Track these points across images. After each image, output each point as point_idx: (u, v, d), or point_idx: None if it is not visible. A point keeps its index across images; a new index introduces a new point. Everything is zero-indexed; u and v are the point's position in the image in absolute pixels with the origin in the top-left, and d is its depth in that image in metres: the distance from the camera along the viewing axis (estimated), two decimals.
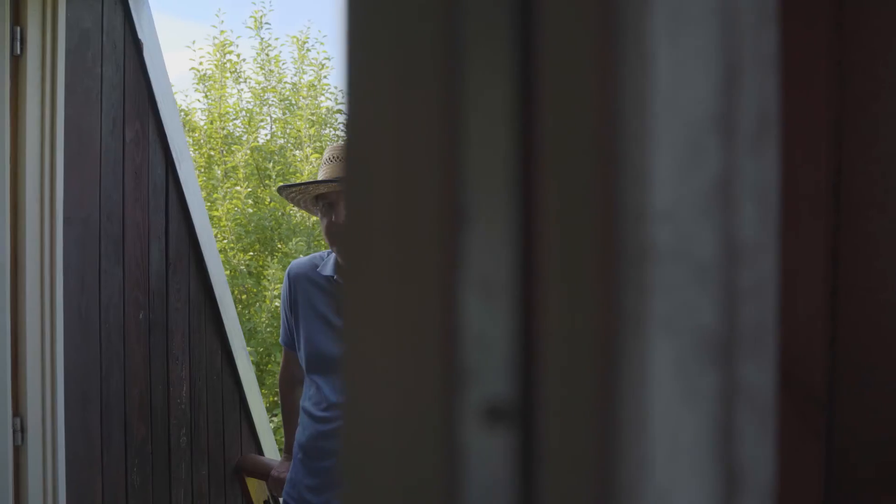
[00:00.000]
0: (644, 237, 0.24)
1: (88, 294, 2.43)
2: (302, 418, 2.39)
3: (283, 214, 9.66)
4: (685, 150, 0.25)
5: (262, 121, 10.80)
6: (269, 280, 8.67)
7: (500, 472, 0.24)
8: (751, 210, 0.27)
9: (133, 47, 2.58)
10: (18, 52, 2.19)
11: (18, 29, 2.19)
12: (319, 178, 2.28)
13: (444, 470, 0.24)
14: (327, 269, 2.38)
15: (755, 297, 0.27)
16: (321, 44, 11.84)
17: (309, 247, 9.33)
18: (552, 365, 0.24)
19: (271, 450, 3.24)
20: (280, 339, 2.60)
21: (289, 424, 2.65)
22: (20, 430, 2.22)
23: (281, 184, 9.71)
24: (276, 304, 8.52)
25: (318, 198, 2.29)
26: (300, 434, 2.38)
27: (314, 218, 9.80)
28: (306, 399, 2.38)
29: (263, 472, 3.06)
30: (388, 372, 0.25)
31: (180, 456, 2.83)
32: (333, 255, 2.41)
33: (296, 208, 9.60)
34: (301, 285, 2.42)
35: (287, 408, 2.65)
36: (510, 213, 0.24)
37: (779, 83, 0.28)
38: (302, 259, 2.51)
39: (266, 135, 10.88)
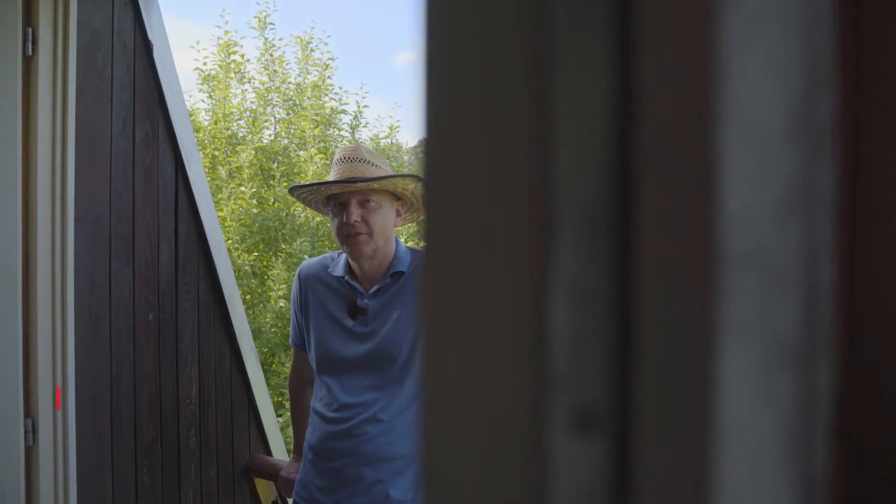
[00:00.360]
0: (723, 243, 0.24)
1: (99, 294, 2.43)
2: (312, 419, 2.39)
3: (287, 215, 9.67)
4: (761, 157, 0.25)
5: (265, 121, 10.81)
6: (273, 280, 8.68)
7: (591, 480, 0.24)
8: (820, 216, 0.27)
9: (143, 48, 2.59)
10: (30, 52, 2.20)
11: (30, 30, 2.19)
12: (331, 178, 2.28)
13: (532, 477, 0.24)
14: (338, 270, 2.38)
15: (824, 301, 0.27)
16: (325, 44, 11.90)
17: (313, 247, 9.34)
18: (648, 372, 0.24)
19: (279, 450, 3.25)
20: (290, 340, 2.60)
21: (298, 425, 2.65)
22: (31, 431, 2.23)
23: (289, 184, 9.72)
24: (281, 304, 8.53)
25: (329, 198, 2.29)
26: (310, 435, 2.39)
27: (318, 218, 9.81)
28: (317, 400, 2.38)
29: (272, 473, 3.06)
30: (473, 377, 0.25)
31: (189, 457, 2.83)
32: (344, 255, 2.41)
33: (300, 208, 9.62)
34: (312, 286, 2.42)
35: (296, 408, 2.66)
36: (603, 218, 0.24)
37: (838, 88, 0.29)
38: (312, 260, 2.51)
39: (270, 135, 10.89)
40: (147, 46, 2.59)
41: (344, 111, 11.06)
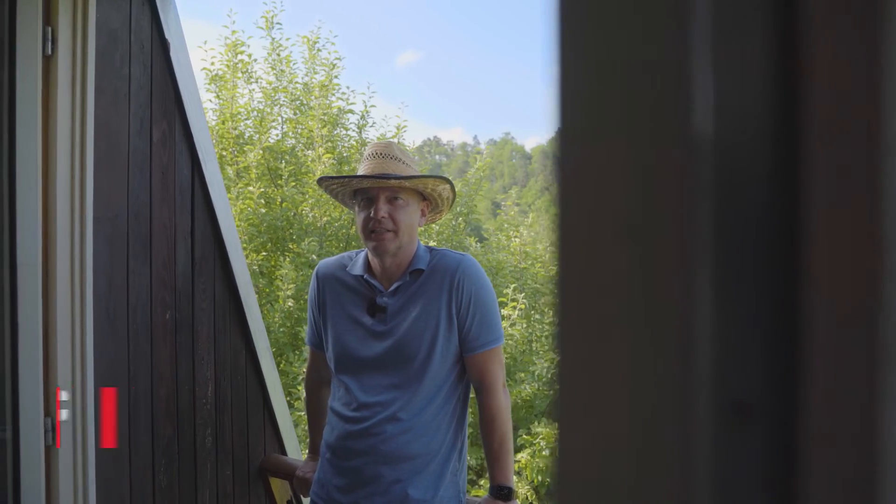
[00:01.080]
0: (887, 239, 0.23)
1: (116, 294, 2.43)
2: (330, 418, 2.39)
3: (294, 215, 9.68)
4: None
5: (273, 121, 10.81)
6: (281, 280, 8.68)
7: (744, 471, 0.23)
8: None
9: (160, 47, 2.58)
10: (49, 52, 2.19)
11: (49, 29, 2.19)
12: (361, 172, 2.28)
13: (684, 468, 0.23)
14: (356, 269, 2.38)
15: None
16: (332, 44, 11.86)
17: (321, 247, 9.34)
18: (815, 363, 0.23)
19: (294, 450, 3.25)
20: (306, 340, 2.60)
21: (314, 424, 2.65)
22: (51, 431, 2.23)
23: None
24: (289, 304, 8.52)
25: (357, 192, 2.29)
26: (328, 434, 2.38)
27: (326, 218, 9.82)
28: (335, 399, 2.38)
29: (287, 472, 3.06)
30: (620, 370, 0.24)
31: (206, 456, 2.83)
32: (363, 254, 2.41)
33: (308, 208, 9.60)
34: (329, 285, 2.42)
35: (313, 408, 2.65)
36: (755, 212, 0.24)
37: None
38: (330, 259, 2.51)
39: (277, 135, 10.89)
40: (164, 46, 2.59)
41: (351, 111, 11.05)
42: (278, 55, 11.13)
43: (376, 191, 2.24)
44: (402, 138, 11.72)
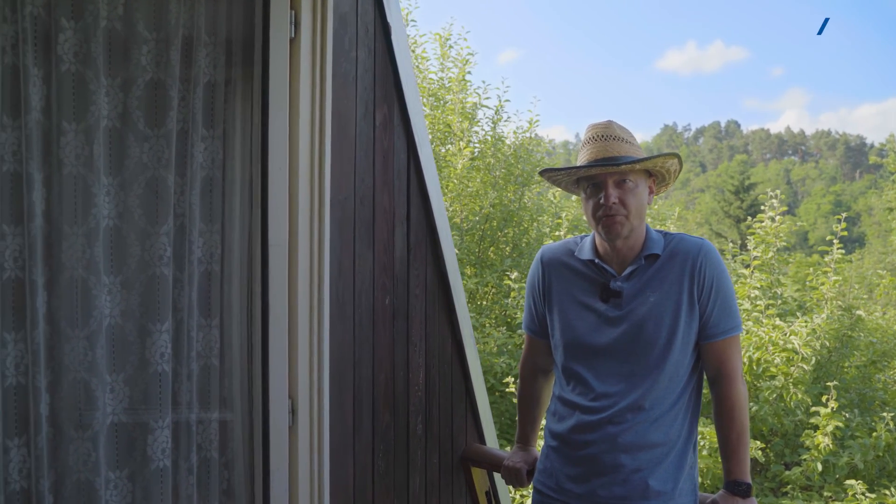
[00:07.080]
0: None
1: (344, 278, 2.43)
2: (558, 408, 2.30)
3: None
4: None
5: None
6: None
7: None
8: None
9: (382, 31, 2.57)
10: (293, 35, 2.20)
11: (293, 13, 2.20)
12: (583, 157, 2.20)
13: None
14: (585, 253, 2.29)
15: None
16: (464, 39, 11.82)
17: (462, 240, 9.33)
18: None
19: (492, 440, 3.19)
20: (523, 326, 2.52)
21: (527, 414, 2.57)
22: (291, 412, 2.24)
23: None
24: None
25: (581, 178, 2.22)
26: (556, 424, 2.30)
27: (464, 213, 9.80)
28: (565, 389, 2.28)
29: (490, 463, 3.01)
30: None
31: (417, 443, 2.80)
32: (589, 237, 2.33)
33: (447, 203, 9.59)
34: (556, 270, 2.34)
35: (526, 397, 2.57)
36: None
37: None
38: (553, 244, 2.43)
39: None
40: (385, 29, 2.57)
41: (486, 106, 11.01)
42: (413, 51, 11.19)
43: (603, 176, 2.16)
44: (535, 133, 11.59)
